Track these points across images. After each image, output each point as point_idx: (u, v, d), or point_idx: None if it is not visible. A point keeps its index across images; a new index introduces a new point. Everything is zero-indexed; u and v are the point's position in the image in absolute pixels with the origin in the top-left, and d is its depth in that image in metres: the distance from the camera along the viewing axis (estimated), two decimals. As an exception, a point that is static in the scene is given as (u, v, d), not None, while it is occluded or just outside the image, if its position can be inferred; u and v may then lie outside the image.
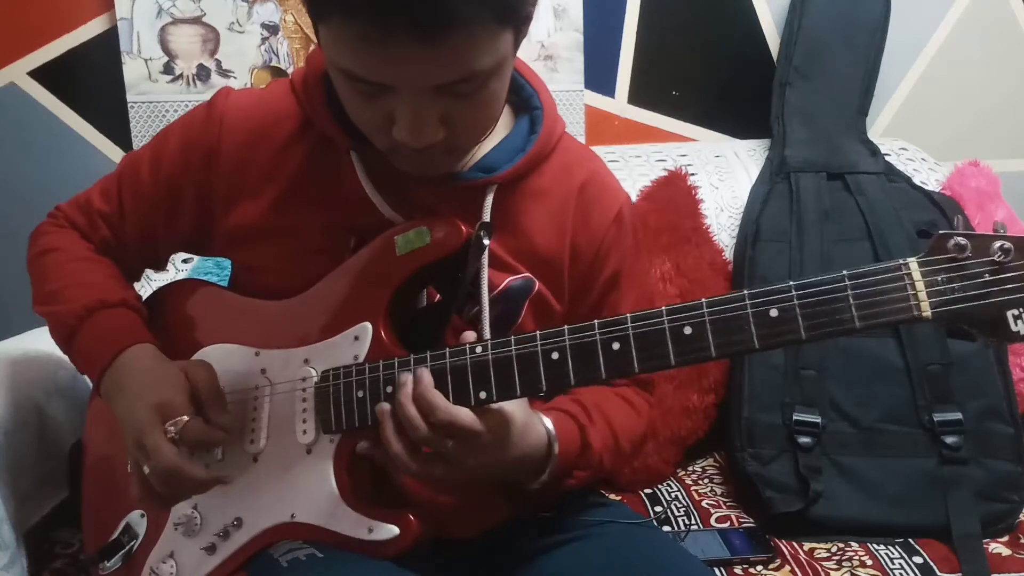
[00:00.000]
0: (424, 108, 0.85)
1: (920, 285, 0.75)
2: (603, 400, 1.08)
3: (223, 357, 1.03)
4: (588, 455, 1.02)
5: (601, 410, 1.06)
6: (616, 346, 0.83)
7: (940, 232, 0.75)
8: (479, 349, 0.88)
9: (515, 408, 0.91)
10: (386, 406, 0.89)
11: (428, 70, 0.82)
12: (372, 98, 0.86)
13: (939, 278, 0.74)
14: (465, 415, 0.86)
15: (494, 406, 0.89)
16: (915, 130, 2.06)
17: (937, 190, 1.82)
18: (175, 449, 0.92)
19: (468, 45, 0.81)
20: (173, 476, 0.92)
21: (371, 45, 0.80)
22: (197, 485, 0.95)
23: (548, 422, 0.98)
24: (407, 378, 0.88)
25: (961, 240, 0.73)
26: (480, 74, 0.84)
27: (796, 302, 0.77)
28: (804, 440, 1.51)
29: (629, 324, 0.83)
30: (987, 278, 0.73)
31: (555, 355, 0.85)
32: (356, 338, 0.96)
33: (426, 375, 0.88)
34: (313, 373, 0.98)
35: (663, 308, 0.82)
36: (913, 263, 0.75)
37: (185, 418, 0.94)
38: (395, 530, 0.91)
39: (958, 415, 1.49)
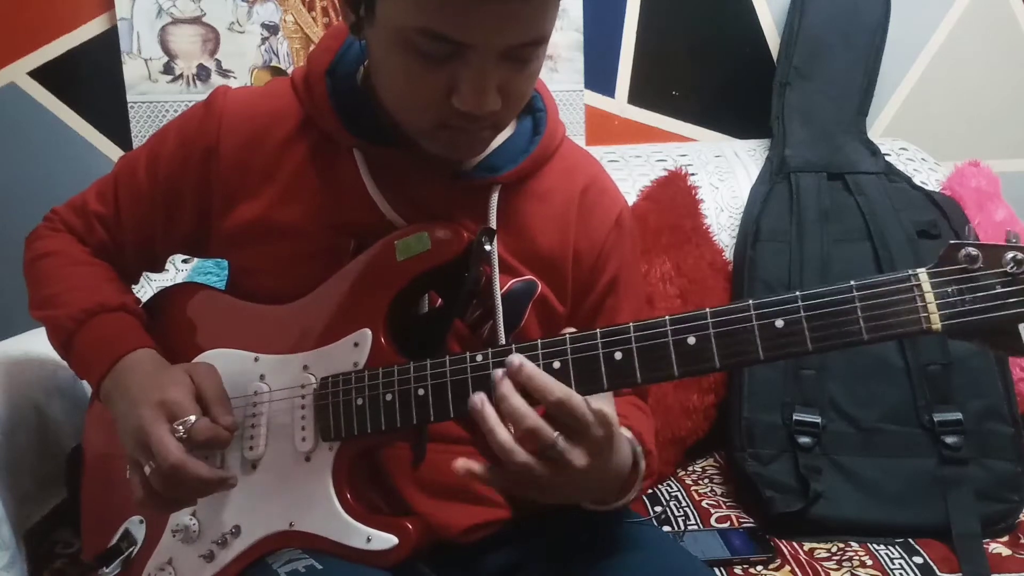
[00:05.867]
0: (490, 74, 0.84)
1: (930, 297, 0.73)
2: (628, 411, 1.06)
3: (222, 362, 1.02)
4: (651, 463, 0.99)
5: (637, 420, 1.04)
6: (619, 356, 0.82)
7: (951, 242, 0.73)
8: (479, 358, 0.86)
9: (613, 413, 0.85)
10: (481, 395, 0.83)
11: (512, 27, 0.82)
12: (435, 66, 0.85)
13: (949, 290, 0.72)
14: (578, 398, 0.81)
15: (595, 406, 0.82)
16: (915, 130, 2.07)
17: (937, 190, 1.82)
18: (181, 446, 0.90)
19: (546, 5, 0.83)
20: (178, 474, 0.90)
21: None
22: (201, 485, 0.92)
23: (628, 433, 0.92)
24: (502, 372, 0.82)
25: (972, 251, 0.72)
26: (543, 39, 0.86)
27: (802, 313, 0.75)
28: (804, 440, 1.51)
29: (632, 334, 0.82)
30: (999, 290, 0.71)
31: (556, 364, 0.83)
32: (356, 344, 0.95)
33: (527, 361, 0.82)
34: (312, 380, 0.96)
35: (666, 318, 0.80)
36: (923, 274, 0.73)
37: (193, 418, 0.92)
38: (393, 539, 0.90)
39: (958, 415, 1.49)
